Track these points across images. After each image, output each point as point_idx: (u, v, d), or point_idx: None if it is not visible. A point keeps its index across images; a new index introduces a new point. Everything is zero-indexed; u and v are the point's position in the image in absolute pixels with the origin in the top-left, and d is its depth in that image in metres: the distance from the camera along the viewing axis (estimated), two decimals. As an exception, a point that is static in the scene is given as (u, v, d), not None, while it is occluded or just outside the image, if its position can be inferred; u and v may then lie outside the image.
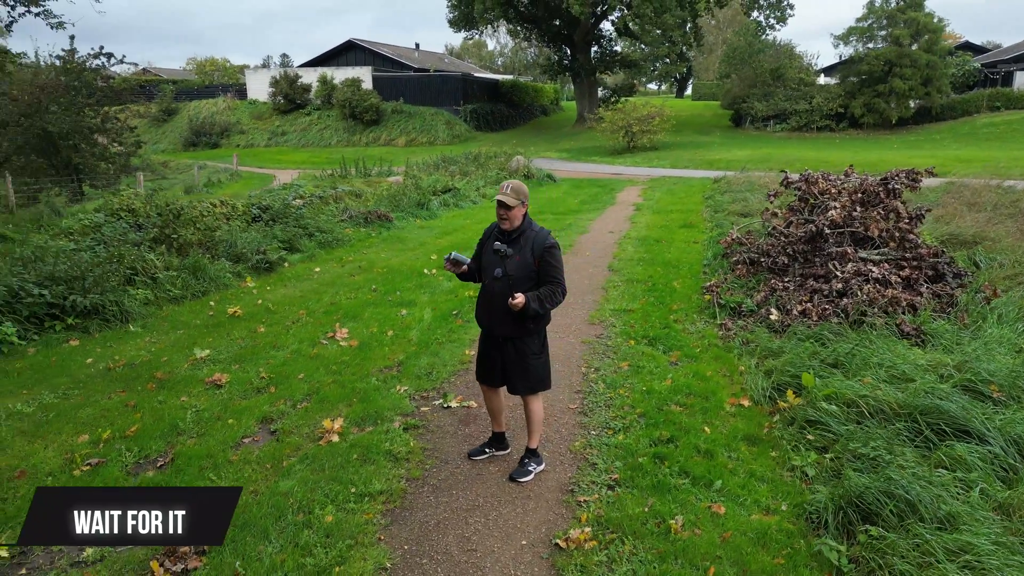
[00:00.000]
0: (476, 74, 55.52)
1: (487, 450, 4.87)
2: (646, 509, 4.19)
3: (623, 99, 46.95)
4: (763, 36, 45.25)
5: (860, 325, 6.62)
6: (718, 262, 9.76)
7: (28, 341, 6.73)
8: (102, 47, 26.73)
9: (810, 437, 4.97)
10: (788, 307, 7.30)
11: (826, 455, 4.72)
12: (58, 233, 8.97)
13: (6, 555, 3.81)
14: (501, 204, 4.26)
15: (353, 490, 4.38)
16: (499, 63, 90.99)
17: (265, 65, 59.03)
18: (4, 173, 27.64)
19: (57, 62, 26.34)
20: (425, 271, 10.00)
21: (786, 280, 7.89)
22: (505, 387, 4.61)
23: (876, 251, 8.04)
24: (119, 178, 27.85)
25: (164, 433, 5.12)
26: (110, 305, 7.22)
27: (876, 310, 6.80)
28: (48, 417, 5.34)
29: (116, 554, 3.81)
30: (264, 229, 10.95)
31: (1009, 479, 4.21)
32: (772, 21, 43.73)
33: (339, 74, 44.54)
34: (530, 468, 4.60)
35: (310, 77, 45.45)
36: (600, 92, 50.95)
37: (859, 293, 7.01)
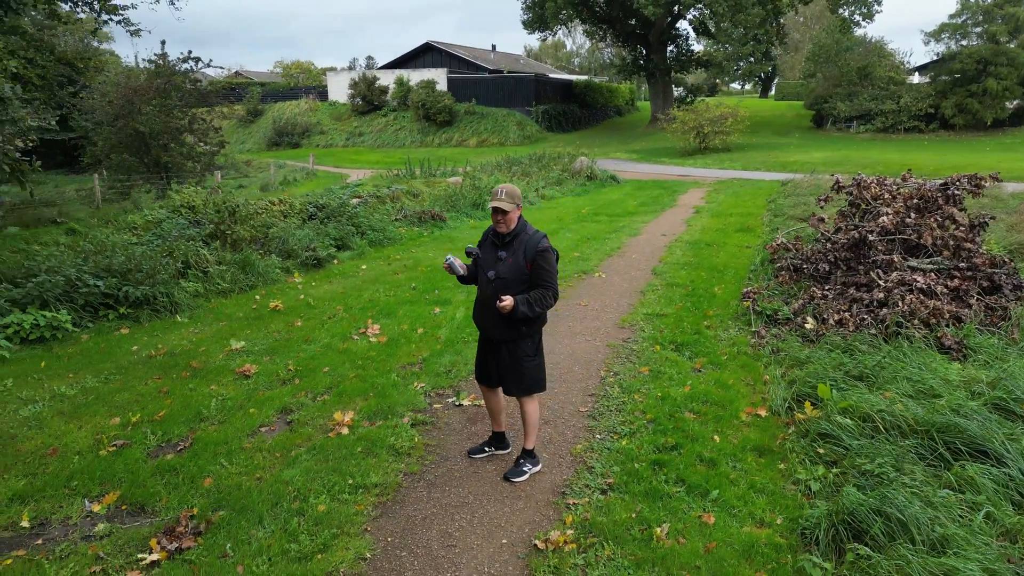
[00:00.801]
0: (551, 75, 55.58)
1: (487, 449, 4.93)
2: (633, 515, 4.16)
3: (699, 99, 46.13)
4: (851, 33, 43.46)
5: (897, 337, 6.34)
6: (764, 268, 9.51)
7: (82, 328, 7.23)
8: (190, 51, 28.30)
9: (821, 451, 4.81)
10: (825, 316, 7.06)
11: (834, 470, 4.58)
12: (123, 227, 9.59)
13: (27, 525, 4.13)
14: (497, 210, 4.31)
15: (350, 481, 4.52)
16: (576, 64, 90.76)
17: (351, 67, 60.77)
18: (100, 171, 29.54)
19: (150, 66, 27.99)
20: (467, 271, 10.13)
21: (826, 288, 7.62)
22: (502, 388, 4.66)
23: (928, 260, 7.67)
24: (204, 176, 29.30)
25: (188, 419, 5.42)
26: (160, 296, 7.67)
27: (916, 321, 6.49)
28: (87, 400, 5.73)
29: (123, 530, 4.07)
30: (318, 227, 11.34)
31: (1023, 504, 3.97)
32: (858, 17, 41.90)
33: (415, 76, 45.42)
34: (524, 469, 4.64)
35: (387, 79, 46.55)
36: (678, 92, 50.26)
37: (900, 304, 6.70)
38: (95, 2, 12.97)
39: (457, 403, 5.77)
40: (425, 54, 52.43)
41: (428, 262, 10.75)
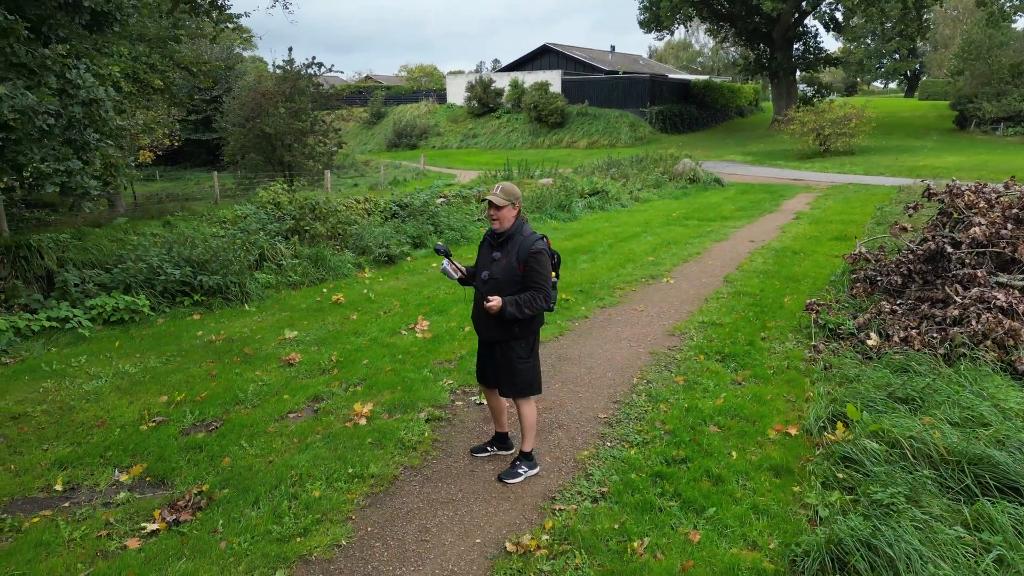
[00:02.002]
0: (670, 75, 54.45)
1: (489, 448, 4.95)
2: (616, 526, 4.05)
3: (828, 99, 43.72)
4: (1003, 27, 39.71)
5: (962, 358, 5.78)
6: (844, 279, 8.92)
7: (159, 313, 7.87)
8: (314, 57, 29.96)
9: (841, 475, 4.49)
10: (890, 332, 6.54)
11: (849, 496, 4.26)
12: (214, 221, 10.34)
13: (59, 488, 4.56)
14: (491, 204, 4.31)
15: (350, 470, 4.67)
16: (699, 64, 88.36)
17: (477, 70, 62.37)
18: (236, 169, 31.84)
19: (279, 71, 29.92)
20: (533, 272, 10.15)
21: (897, 303, 7.06)
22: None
23: (1022, 276, 6.93)
24: (323, 175, 30.94)
25: (226, 401, 5.78)
26: (232, 286, 8.22)
27: (989, 342, 5.89)
28: (145, 379, 6.24)
29: (138, 500, 4.41)
30: (399, 225, 11.73)
31: (1049, 550, 3.53)
32: (1008, 10, 38.21)
33: (529, 78, 45.84)
34: (520, 471, 4.62)
35: (503, 82, 47.25)
36: (806, 91, 47.82)
37: (974, 322, 6.10)
38: (212, 11, 14.08)
39: (479, 402, 5.82)
40: (542, 56, 52.83)
41: (497, 262, 10.84)
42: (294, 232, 9.99)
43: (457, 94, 49.91)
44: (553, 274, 4.48)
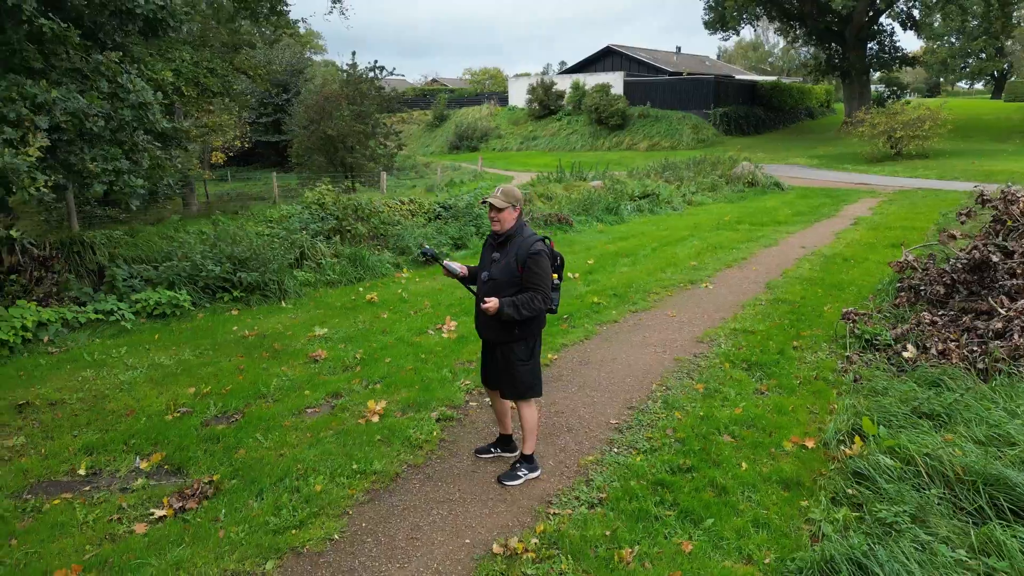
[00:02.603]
0: (737, 76, 53.28)
1: (493, 450, 4.96)
2: (607, 533, 4.01)
3: (902, 100, 41.99)
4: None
5: (999, 373, 5.47)
6: (890, 288, 8.55)
7: (199, 308, 8.18)
8: (376, 61, 30.60)
9: (851, 491, 4.32)
10: (927, 344, 6.25)
11: (856, 513, 4.09)
12: (260, 220, 10.68)
13: (83, 473, 4.79)
14: (491, 206, 4.33)
15: (354, 466, 4.75)
16: (769, 64, 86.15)
17: (544, 72, 62.52)
18: (303, 170, 32.74)
19: (342, 75, 30.69)
20: (570, 275, 10.12)
21: (939, 314, 6.73)
22: (503, 390, 4.67)
23: (1080, 287, 6.51)
24: (382, 176, 31.54)
25: (249, 395, 5.96)
26: (271, 283, 8.47)
27: (1030, 358, 5.56)
28: (177, 371, 6.49)
29: (154, 487, 4.60)
30: (441, 226, 11.86)
31: (1060, 581, 3.32)
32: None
33: (591, 80, 45.59)
34: (519, 474, 4.61)
35: (564, 84, 47.17)
36: (882, 91, 46.05)
37: (1016, 336, 5.77)
38: (271, 17, 14.57)
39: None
40: (605, 58, 52.49)
41: (536, 264, 10.84)
42: (336, 232, 10.23)
43: (519, 96, 50.10)
44: (556, 276, 4.46)
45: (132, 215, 18.44)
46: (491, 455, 4.95)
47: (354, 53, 33.38)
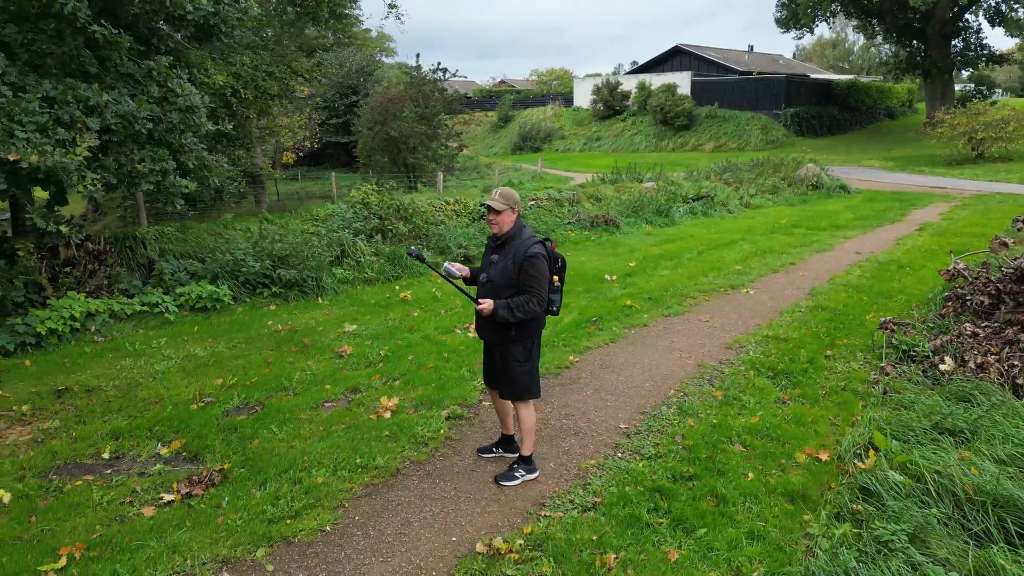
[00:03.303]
0: (812, 75, 51.61)
1: (495, 449, 4.98)
2: (595, 538, 3.97)
3: (988, 99, 39.81)
4: None
5: (1038, 390, 5.16)
6: (938, 297, 8.15)
7: (240, 302, 8.49)
8: (439, 63, 30.97)
9: (856, 507, 4.15)
10: (966, 357, 5.93)
11: (858, 530, 3.94)
12: (307, 219, 10.98)
13: (106, 457, 5.05)
14: (489, 208, 4.36)
15: (357, 460, 4.85)
16: (849, 63, 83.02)
17: (615, 73, 61.84)
18: (368, 171, 33.51)
19: (405, 77, 31.27)
20: (607, 277, 10.04)
21: (983, 325, 6.37)
22: (506, 390, 4.68)
23: None
24: (445, 177, 31.96)
25: (272, 387, 6.16)
26: (309, 280, 8.72)
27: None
28: (209, 362, 6.76)
29: (169, 472, 4.81)
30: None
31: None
32: None
33: (657, 80, 44.98)
34: (517, 475, 4.62)
35: (630, 84, 46.69)
36: (969, 90, 43.75)
37: (1061, 350, 5.42)
38: (331, 21, 14.98)
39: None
40: (673, 58, 51.68)
41: (575, 266, 10.79)
42: (378, 231, 10.44)
43: (584, 97, 49.88)
44: (556, 278, 4.45)
45: (200, 212, 19.27)
46: (493, 455, 4.97)
47: (418, 55, 33.99)
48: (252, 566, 3.79)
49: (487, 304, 4.23)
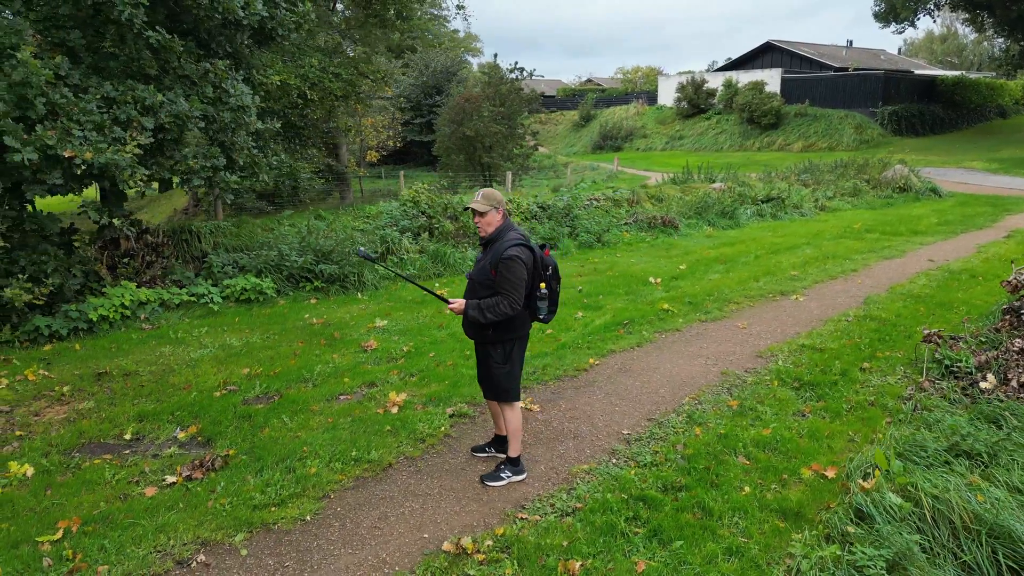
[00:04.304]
0: (916, 72, 48.76)
1: (488, 449, 4.98)
2: (565, 543, 3.92)
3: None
4: None
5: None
6: (998, 310, 7.56)
7: (283, 295, 8.81)
8: (516, 62, 31.20)
9: (849, 529, 3.93)
10: (1009, 375, 5.50)
11: (843, 553, 3.73)
12: (359, 216, 11.26)
13: (128, 438, 5.36)
14: (474, 212, 4.36)
15: (352, 453, 4.96)
16: (961, 58, 77.90)
17: (708, 69, 60.28)
18: (447, 170, 34.06)
19: (483, 77, 31.62)
20: (651, 280, 9.83)
21: (1036, 340, 5.88)
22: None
23: None
24: (519, 176, 32.10)
25: (293, 379, 6.37)
26: (350, 275, 8.96)
27: None
28: (241, 352, 7.05)
29: (180, 455, 5.06)
30: (534, 226, 11.91)
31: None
32: None
33: (744, 77, 43.61)
34: (503, 476, 4.61)
35: (716, 82, 45.48)
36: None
37: (1115, 372, 4.94)
38: (397, 21, 15.32)
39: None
40: (764, 54, 49.99)
41: (621, 267, 10.64)
42: (425, 229, 10.60)
43: (668, 95, 48.96)
44: (543, 285, 4.41)
45: (279, 206, 20.10)
46: (486, 454, 4.97)
47: (495, 55, 34.22)
48: (228, 550, 3.94)
49: (457, 303, 4.27)
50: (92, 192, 8.98)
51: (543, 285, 4.40)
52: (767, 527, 4.10)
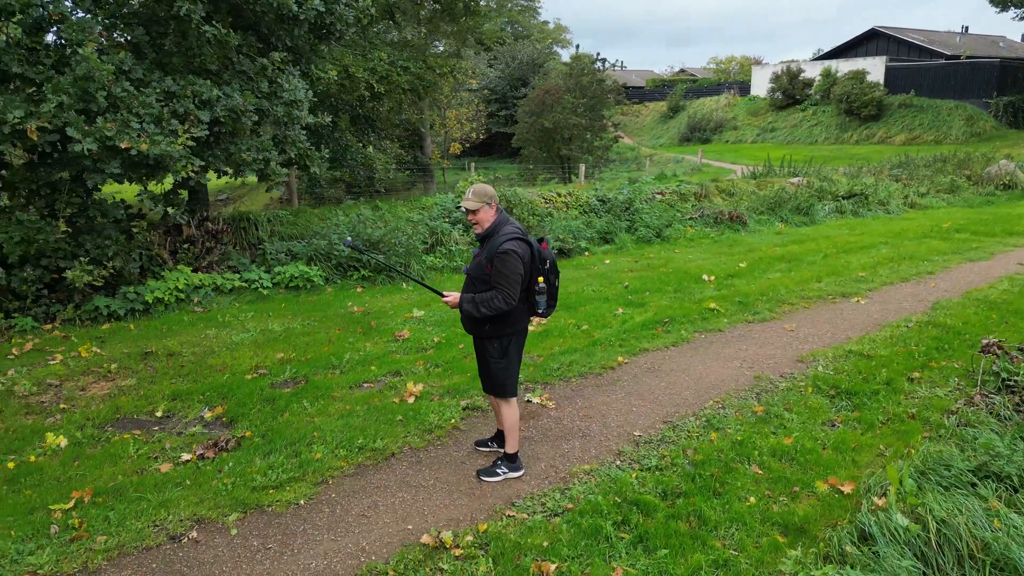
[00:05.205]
0: (1038, 59, 44.96)
1: (490, 444, 4.94)
2: (546, 544, 3.85)
3: None
4: None
5: None
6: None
7: (331, 283, 9.03)
8: (598, 53, 30.86)
9: (849, 549, 3.67)
10: (1069, 392, 4.99)
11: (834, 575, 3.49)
12: (415, 207, 11.38)
13: (159, 415, 5.64)
14: (467, 210, 4.32)
15: (359, 441, 5.02)
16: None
17: (815, 58, 57.68)
18: (527, 162, 34.13)
19: (564, 68, 31.44)
20: (705, 277, 9.50)
21: (1107, 355, 5.30)
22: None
23: None
24: (599, 168, 31.77)
25: (321, 365, 6.52)
26: (397, 265, 9.08)
27: None
28: (279, 337, 7.28)
29: (202, 435, 5.27)
30: (591, 220, 11.73)
31: None
32: None
33: (845, 66, 41.45)
34: (499, 471, 4.56)
35: (813, 71, 43.45)
36: None
37: None
38: (464, 15, 15.39)
39: (527, 399, 5.77)
40: (868, 42, 47.32)
41: (676, 264, 10.33)
42: (477, 221, 10.59)
43: (761, 86, 47.19)
44: (541, 279, 4.33)
45: (355, 196, 20.65)
46: (488, 449, 4.94)
47: (577, 46, 33.93)
48: (220, 528, 4.07)
49: (452, 297, 4.26)
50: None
51: (540, 280, 4.31)
52: (764, 541, 3.88)
